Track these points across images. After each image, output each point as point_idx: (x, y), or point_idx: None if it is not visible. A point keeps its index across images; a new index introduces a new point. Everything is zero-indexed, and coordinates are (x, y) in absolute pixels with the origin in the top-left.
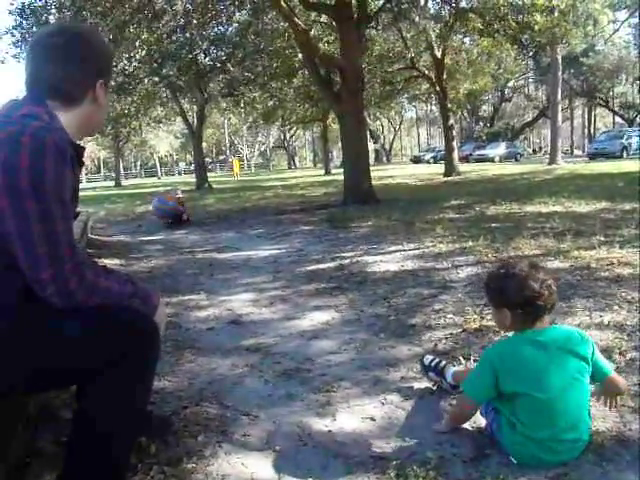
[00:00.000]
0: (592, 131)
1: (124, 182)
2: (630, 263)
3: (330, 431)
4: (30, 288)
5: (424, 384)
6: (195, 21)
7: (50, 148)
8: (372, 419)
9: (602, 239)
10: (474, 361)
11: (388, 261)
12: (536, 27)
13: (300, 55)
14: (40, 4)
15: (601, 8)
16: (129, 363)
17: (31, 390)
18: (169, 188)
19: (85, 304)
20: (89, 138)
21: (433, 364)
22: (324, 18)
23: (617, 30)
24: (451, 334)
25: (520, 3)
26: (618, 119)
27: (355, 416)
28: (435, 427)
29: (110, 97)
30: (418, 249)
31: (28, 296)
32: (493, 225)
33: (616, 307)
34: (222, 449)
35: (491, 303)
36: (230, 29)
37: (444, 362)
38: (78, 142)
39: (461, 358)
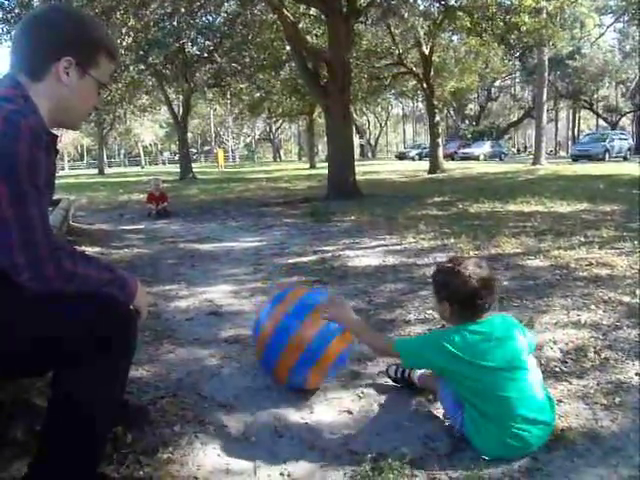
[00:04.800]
0: (576, 133)
1: (107, 170)
2: (608, 264)
3: (307, 423)
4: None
5: None
6: (183, 9)
7: (24, 132)
8: (349, 412)
9: (582, 240)
10: None
11: (369, 256)
12: (523, 28)
13: (288, 47)
14: None
15: (588, 12)
16: (104, 350)
17: (4, 375)
18: (151, 177)
19: (62, 290)
20: None
21: (399, 375)
22: (313, 11)
23: (603, 34)
24: (430, 330)
25: (508, 3)
26: (602, 122)
27: (332, 409)
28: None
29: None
30: (400, 244)
31: (4, 281)
32: (475, 223)
33: (593, 307)
34: (198, 439)
35: (435, 295)
36: (218, 19)
37: (407, 370)
38: (52, 130)
39: None
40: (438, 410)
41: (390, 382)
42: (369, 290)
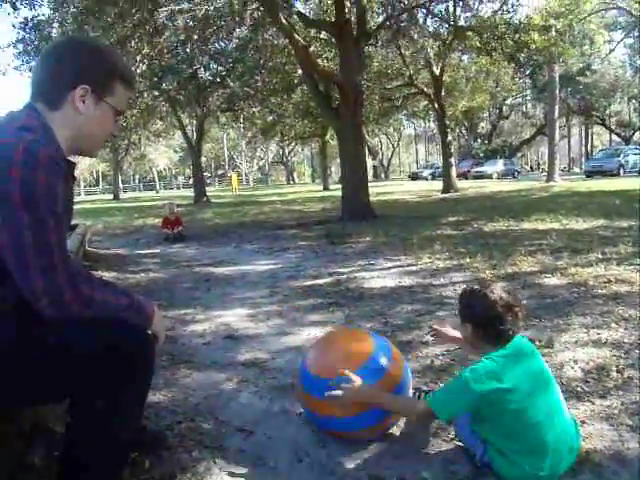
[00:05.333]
0: (589, 149)
1: (122, 195)
2: (627, 281)
3: (325, 447)
4: (23, 303)
5: None
6: (196, 36)
7: (42, 160)
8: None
9: (599, 256)
10: None
11: (385, 277)
12: (533, 46)
13: (299, 71)
14: (43, 18)
15: (597, 28)
16: (123, 375)
17: (23, 403)
18: (165, 202)
19: (79, 316)
20: None
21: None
22: (324, 34)
23: (613, 50)
24: (447, 351)
25: (517, 22)
26: (615, 137)
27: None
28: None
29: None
30: (415, 265)
31: (21, 310)
32: (490, 242)
33: (613, 324)
34: (216, 465)
35: (459, 316)
36: (230, 44)
37: (423, 394)
38: (69, 158)
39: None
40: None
41: None
42: (385, 312)
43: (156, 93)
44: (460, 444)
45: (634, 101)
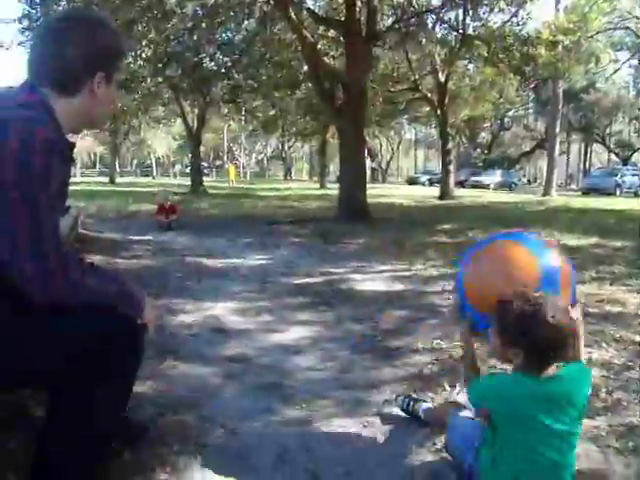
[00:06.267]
0: (587, 166)
1: (118, 179)
2: (619, 301)
3: (308, 451)
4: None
5: None
6: (203, 25)
7: (39, 140)
8: (352, 442)
9: (593, 275)
10: (459, 389)
11: (377, 280)
12: (540, 60)
13: (305, 67)
14: None
15: (603, 47)
16: (110, 364)
17: (5, 387)
18: (160, 189)
19: (67, 301)
20: (87, 132)
21: (405, 406)
22: (332, 32)
23: (618, 70)
24: (437, 359)
25: (526, 35)
26: (613, 156)
27: (335, 437)
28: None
29: (114, 88)
30: (408, 271)
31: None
32: None
33: (604, 345)
34: (197, 461)
35: (501, 337)
36: (238, 36)
37: (411, 403)
38: (69, 137)
39: (446, 385)
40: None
41: (396, 412)
42: (376, 316)
43: (160, 79)
44: (445, 455)
45: (635, 122)
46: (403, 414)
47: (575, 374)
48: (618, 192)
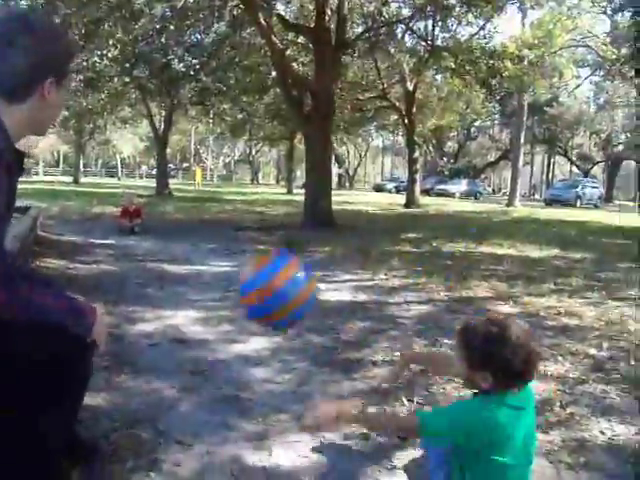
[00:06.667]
0: (550, 177)
1: (83, 179)
2: (577, 313)
3: (265, 468)
4: None
5: None
6: (172, 27)
7: None
8: (309, 458)
9: (552, 287)
10: (417, 403)
11: (341, 290)
12: (505, 73)
13: (274, 73)
14: None
15: (566, 63)
16: (56, 383)
17: None
18: (126, 191)
19: (14, 319)
20: (51, 130)
21: None
22: (301, 39)
23: (579, 85)
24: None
25: (492, 49)
26: (574, 169)
27: (291, 453)
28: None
29: (77, 91)
30: (372, 280)
31: None
32: (448, 262)
33: (560, 358)
34: (150, 478)
35: (468, 361)
36: (207, 39)
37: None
38: (33, 142)
39: (404, 399)
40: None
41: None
42: (337, 327)
43: (127, 79)
44: (402, 473)
45: (595, 136)
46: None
47: (530, 392)
48: (579, 203)
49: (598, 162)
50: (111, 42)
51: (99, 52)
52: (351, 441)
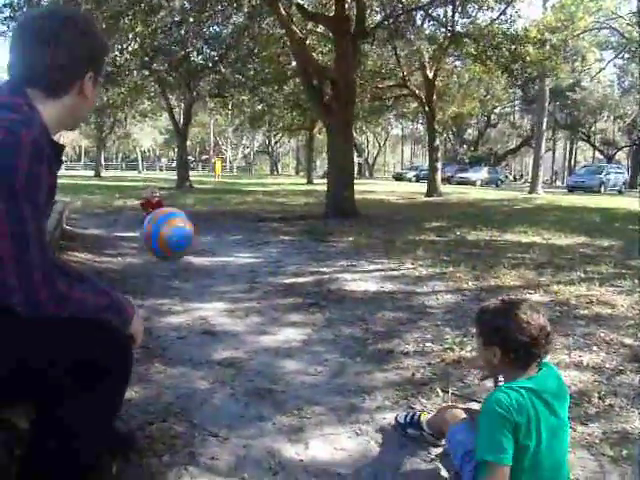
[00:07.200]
0: (572, 164)
1: (104, 173)
2: (609, 302)
3: (302, 461)
4: None
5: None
6: (191, 19)
7: (26, 145)
8: (346, 450)
9: (581, 275)
10: (452, 394)
11: (367, 280)
12: (528, 58)
13: (293, 63)
14: None
15: (589, 46)
16: (98, 378)
17: None
18: (147, 184)
19: (55, 315)
20: None
21: (408, 419)
22: (320, 28)
23: (603, 69)
24: (429, 364)
25: (514, 33)
26: (598, 154)
27: (328, 445)
28: None
29: (98, 88)
30: (398, 270)
31: None
32: (473, 251)
33: (595, 348)
34: (188, 472)
35: (481, 338)
36: (225, 30)
37: (417, 413)
38: (56, 138)
39: (439, 390)
40: (439, 454)
41: (388, 420)
42: (366, 317)
43: (146, 73)
44: (439, 465)
45: (619, 121)
46: (405, 434)
47: (551, 370)
48: (602, 189)
49: (622, 147)
50: (130, 36)
51: (119, 46)
52: (384, 433)
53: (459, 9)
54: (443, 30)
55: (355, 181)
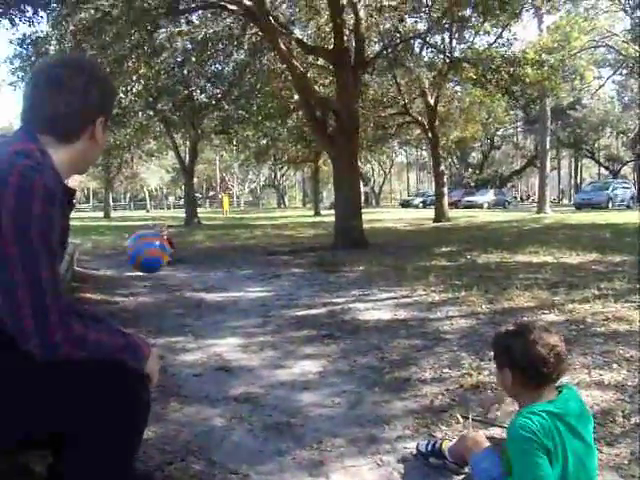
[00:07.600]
0: (579, 181)
1: (113, 214)
2: (625, 318)
3: None
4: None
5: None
6: (193, 58)
7: (38, 190)
8: None
9: (595, 292)
10: (472, 420)
11: (380, 309)
12: (527, 80)
13: (296, 96)
14: (41, 35)
15: (587, 64)
16: (116, 420)
17: (5, 446)
18: (156, 223)
19: (71, 357)
20: None
21: (430, 448)
22: (321, 61)
23: (602, 86)
24: (447, 390)
25: (512, 56)
26: (603, 170)
27: (350, 478)
28: None
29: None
30: (410, 297)
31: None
32: (485, 274)
33: (615, 365)
34: None
35: (495, 361)
36: (227, 68)
37: (438, 441)
38: (67, 182)
39: (459, 416)
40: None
41: (409, 449)
42: (382, 346)
43: (151, 113)
44: None
45: (622, 136)
46: (427, 463)
47: (572, 392)
48: (610, 205)
49: (627, 162)
50: (135, 77)
51: (124, 88)
52: (405, 463)
53: (456, 35)
54: (442, 56)
55: (362, 210)
